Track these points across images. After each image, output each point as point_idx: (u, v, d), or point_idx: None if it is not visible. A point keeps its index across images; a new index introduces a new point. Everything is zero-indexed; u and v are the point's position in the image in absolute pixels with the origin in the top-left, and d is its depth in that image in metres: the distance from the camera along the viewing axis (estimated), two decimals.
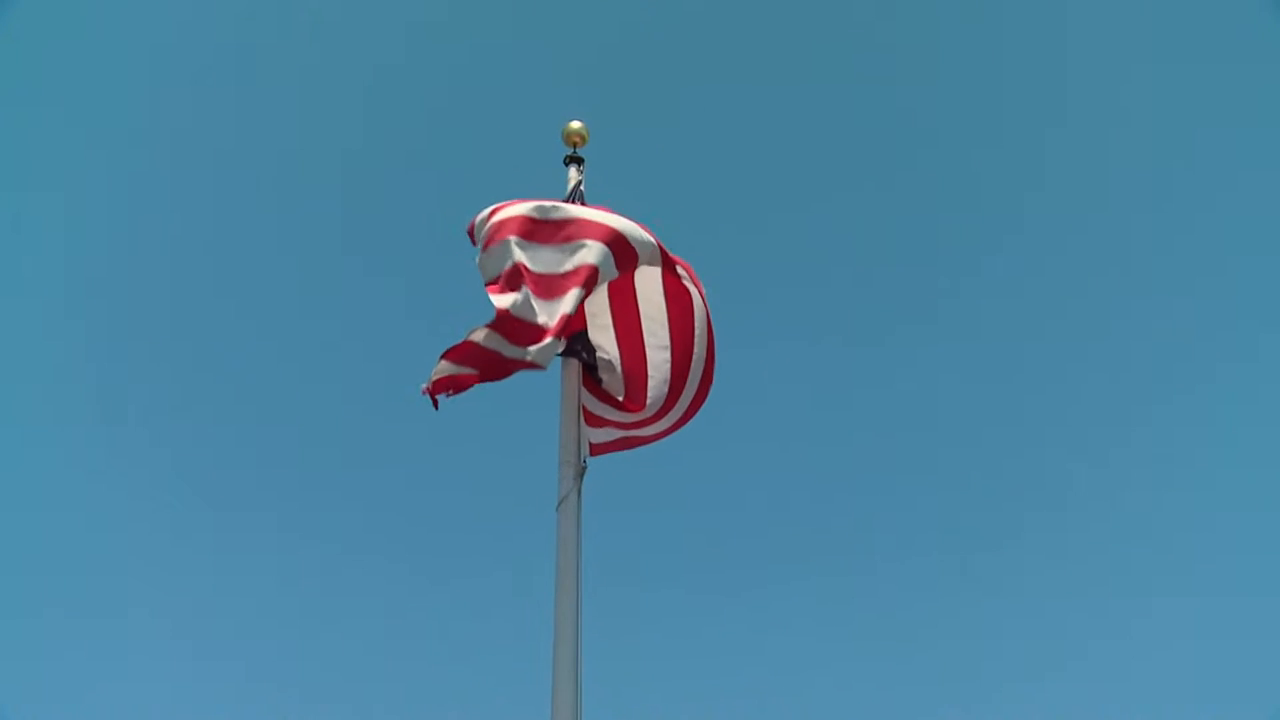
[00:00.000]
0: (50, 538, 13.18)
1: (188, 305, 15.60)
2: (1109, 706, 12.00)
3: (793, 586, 14.43)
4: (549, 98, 16.23)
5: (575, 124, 6.79)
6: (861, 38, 17.46)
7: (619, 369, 5.78)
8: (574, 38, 17.25)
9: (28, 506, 13.22)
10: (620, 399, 5.83)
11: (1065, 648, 13.27)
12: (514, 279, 5.01)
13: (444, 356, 4.86)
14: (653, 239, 5.54)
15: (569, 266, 5.18)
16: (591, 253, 5.20)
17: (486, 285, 5.03)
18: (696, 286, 5.78)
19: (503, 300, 4.90)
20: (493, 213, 5.31)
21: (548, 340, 4.91)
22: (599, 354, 5.78)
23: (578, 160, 6.71)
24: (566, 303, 5.02)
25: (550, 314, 4.97)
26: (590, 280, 5.15)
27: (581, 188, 6.60)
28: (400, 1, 16.85)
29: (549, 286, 5.08)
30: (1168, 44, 15.67)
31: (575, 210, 5.51)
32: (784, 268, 17.00)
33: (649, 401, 5.80)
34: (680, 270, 5.75)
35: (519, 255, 5.08)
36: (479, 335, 4.88)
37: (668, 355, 5.78)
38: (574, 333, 5.59)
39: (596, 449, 5.89)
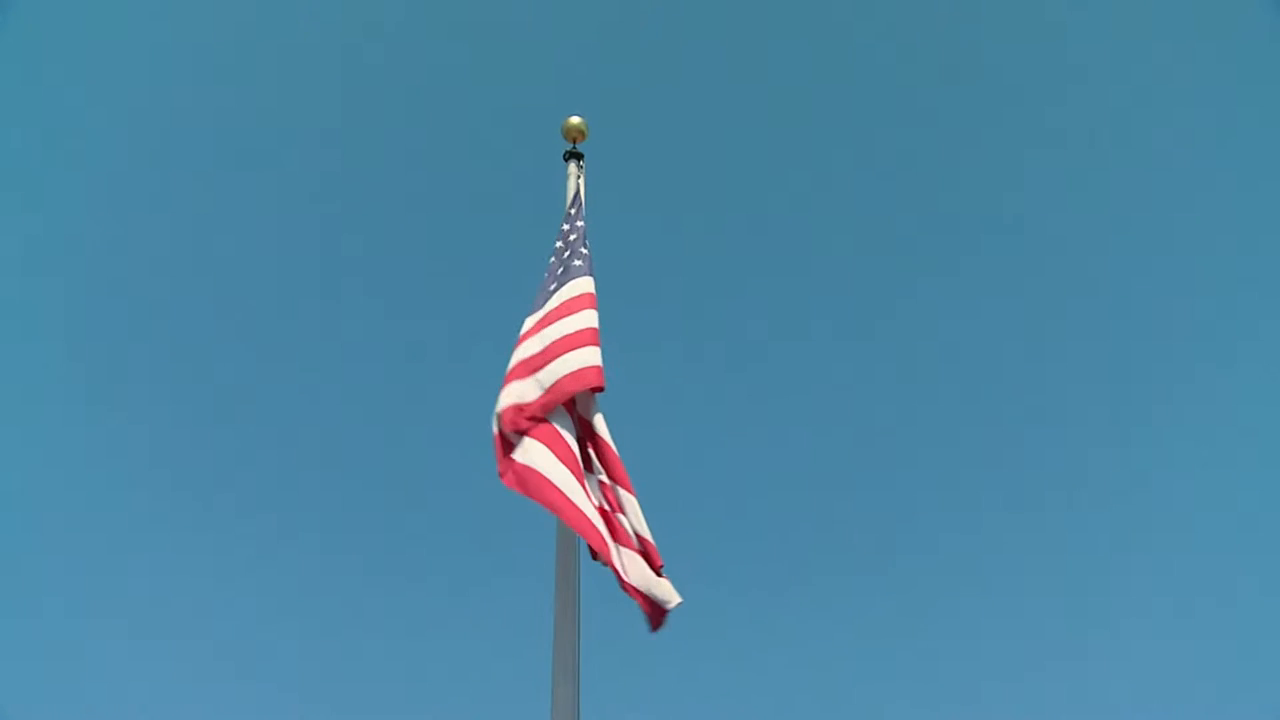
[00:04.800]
0: (50, 538, 13.17)
1: (189, 306, 15.58)
2: (1109, 706, 11.99)
3: (795, 584, 14.41)
4: (549, 93, 16.21)
5: (575, 119, 6.68)
6: (862, 37, 17.47)
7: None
8: (574, 33, 17.23)
9: (27, 506, 13.21)
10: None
11: (1066, 647, 13.26)
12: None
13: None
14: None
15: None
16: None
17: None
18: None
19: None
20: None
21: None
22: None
23: (577, 156, 6.66)
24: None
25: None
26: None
27: (582, 184, 6.55)
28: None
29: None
30: (1167, 43, 15.67)
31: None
32: (786, 263, 16.98)
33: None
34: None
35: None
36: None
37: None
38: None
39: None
